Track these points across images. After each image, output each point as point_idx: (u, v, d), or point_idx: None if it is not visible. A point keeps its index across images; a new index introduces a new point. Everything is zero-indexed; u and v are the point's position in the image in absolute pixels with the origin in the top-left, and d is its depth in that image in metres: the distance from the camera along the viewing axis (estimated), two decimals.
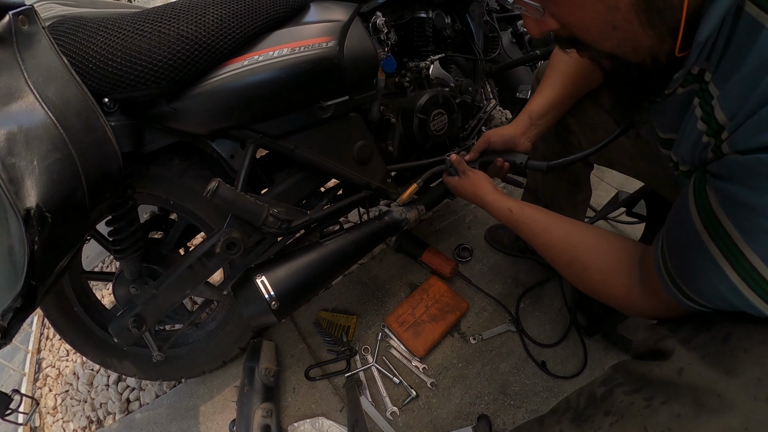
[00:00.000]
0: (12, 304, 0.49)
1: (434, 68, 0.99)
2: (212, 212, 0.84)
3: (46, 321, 1.42)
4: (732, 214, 0.37)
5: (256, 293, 0.75)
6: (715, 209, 0.39)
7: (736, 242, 0.37)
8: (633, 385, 0.44)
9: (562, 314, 1.08)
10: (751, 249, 0.36)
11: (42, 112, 0.50)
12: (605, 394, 0.46)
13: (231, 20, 0.67)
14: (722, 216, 0.38)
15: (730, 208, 0.38)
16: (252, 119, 0.73)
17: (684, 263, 0.44)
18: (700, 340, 0.41)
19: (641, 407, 0.41)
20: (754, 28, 0.34)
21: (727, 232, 0.38)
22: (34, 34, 0.53)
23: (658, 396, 0.41)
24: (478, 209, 1.42)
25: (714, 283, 0.40)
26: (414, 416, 0.96)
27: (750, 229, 0.36)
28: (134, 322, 0.82)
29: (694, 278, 0.42)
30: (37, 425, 1.21)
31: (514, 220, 0.71)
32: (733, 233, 0.37)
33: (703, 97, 0.40)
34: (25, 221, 0.46)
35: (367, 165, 0.87)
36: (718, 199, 0.39)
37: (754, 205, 0.35)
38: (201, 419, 1.06)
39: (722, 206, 0.38)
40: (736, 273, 0.37)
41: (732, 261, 0.38)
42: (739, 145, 0.35)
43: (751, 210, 0.35)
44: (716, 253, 0.39)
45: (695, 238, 0.41)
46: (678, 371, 0.40)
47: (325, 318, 1.15)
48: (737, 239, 0.37)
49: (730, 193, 0.37)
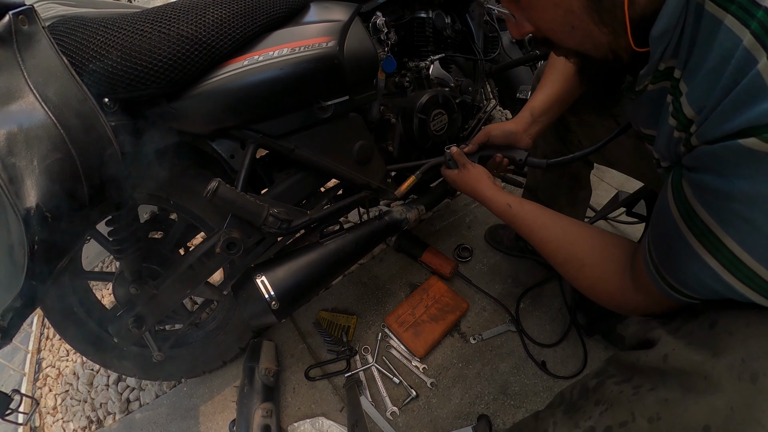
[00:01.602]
0: (12, 304, 0.49)
1: (434, 68, 0.99)
2: (212, 212, 0.84)
3: (46, 321, 1.43)
4: (706, 203, 0.39)
5: (256, 293, 0.75)
6: (690, 200, 0.40)
7: (713, 230, 0.38)
8: (623, 376, 0.45)
9: (562, 314, 1.08)
10: (728, 235, 0.37)
11: (42, 112, 0.50)
12: (596, 386, 0.47)
13: (231, 20, 0.67)
14: (697, 206, 0.40)
15: (703, 197, 0.39)
16: (252, 119, 0.73)
17: (668, 256, 0.45)
18: (687, 329, 0.42)
19: (629, 395, 0.42)
20: (714, 25, 0.36)
21: (702, 221, 0.39)
22: (34, 34, 0.52)
23: (646, 384, 0.42)
24: (479, 209, 1.42)
25: (696, 272, 0.41)
26: (414, 416, 0.96)
27: (724, 216, 0.37)
28: (134, 322, 0.82)
29: (678, 270, 0.43)
30: (37, 425, 1.21)
31: (512, 215, 0.70)
32: (709, 221, 0.38)
33: (674, 94, 0.42)
34: (25, 221, 0.46)
35: (367, 165, 0.87)
36: (692, 189, 0.40)
37: (726, 192, 0.36)
38: (201, 419, 1.06)
39: (696, 196, 0.40)
40: (716, 260, 0.39)
41: (710, 249, 0.39)
42: (707, 135, 0.37)
43: (724, 197, 0.36)
44: (695, 242, 0.40)
45: (675, 230, 0.42)
46: (663, 357, 0.41)
47: (325, 318, 1.15)
48: (713, 227, 0.38)
49: (703, 182, 0.39)
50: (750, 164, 0.34)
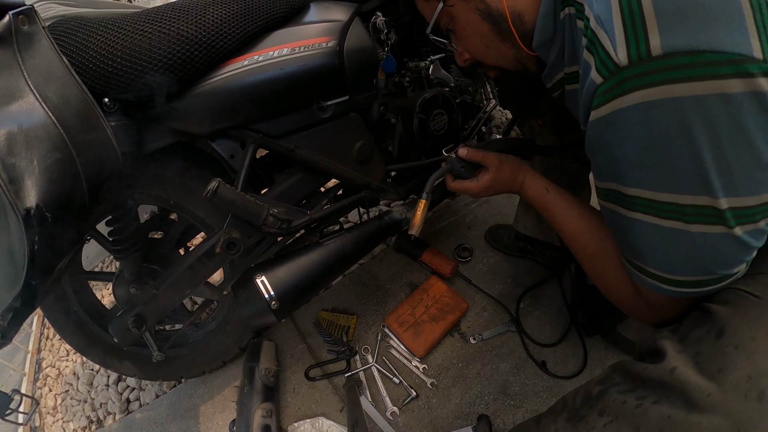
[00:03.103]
0: (12, 304, 0.49)
1: (434, 68, 0.99)
2: (212, 212, 0.84)
3: (46, 321, 1.43)
4: (607, 175, 0.48)
5: (256, 293, 0.75)
6: (601, 185, 0.50)
7: (622, 191, 0.46)
8: (627, 385, 0.45)
9: (562, 314, 1.08)
10: (629, 186, 0.44)
11: (42, 112, 0.50)
12: (600, 394, 0.47)
13: (231, 20, 0.67)
14: (605, 184, 0.48)
15: (602, 173, 0.49)
16: (252, 119, 0.73)
17: (626, 243, 0.50)
18: (696, 335, 0.42)
19: (633, 407, 0.41)
20: (574, 24, 0.47)
21: (613, 191, 0.47)
22: (34, 34, 0.52)
23: (650, 395, 0.41)
24: (479, 209, 1.42)
25: (639, 235, 0.46)
26: (414, 416, 0.96)
27: (618, 173, 0.45)
28: (134, 322, 0.82)
29: (634, 247, 0.48)
30: (37, 425, 1.21)
31: (548, 201, 0.67)
32: (616, 187, 0.46)
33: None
34: (25, 221, 0.46)
35: (367, 165, 0.87)
36: (596, 177, 0.50)
37: (609, 157, 0.45)
38: (201, 419, 1.06)
39: (600, 178, 0.49)
40: (641, 213, 0.45)
41: (631, 207, 0.45)
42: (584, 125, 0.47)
43: (609, 160, 0.45)
44: (624, 211, 0.47)
45: (612, 215, 0.49)
46: (671, 370, 0.40)
47: (325, 318, 1.15)
48: (621, 188, 0.46)
49: (596, 164, 0.49)
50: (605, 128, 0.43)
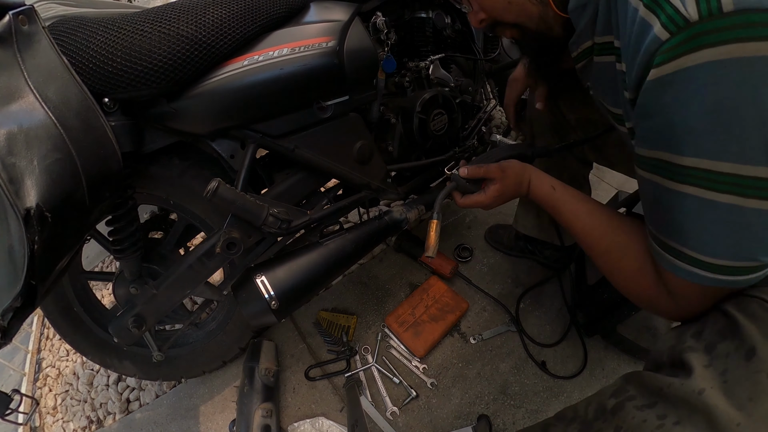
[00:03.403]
0: (12, 304, 0.49)
1: (434, 68, 0.99)
2: (212, 212, 0.84)
3: (46, 321, 1.42)
4: (656, 143, 0.43)
5: (256, 293, 0.75)
6: (648, 154, 0.44)
7: (674, 161, 0.41)
8: (646, 400, 0.42)
9: (562, 314, 1.08)
10: (684, 156, 0.40)
11: (42, 112, 0.50)
12: (616, 408, 0.44)
13: (231, 20, 0.67)
14: (652, 153, 0.43)
15: (651, 142, 0.43)
16: (252, 119, 0.73)
17: (661, 219, 0.46)
18: (723, 349, 0.40)
19: (654, 426, 0.39)
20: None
21: (662, 160, 0.42)
22: (34, 34, 0.52)
23: (672, 415, 0.39)
24: (478, 209, 1.42)
25: (686, 212, 0.42)
26: (414, 416, 0.96)
27: (673, 141, 0.40)
28: (134, 322, 0.82)
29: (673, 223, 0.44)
30: (37, 425, 1.21)
31: (555, 199, 0.65)
32: (667, 156, 0.42)
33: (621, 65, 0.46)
34: (25, 221, 0.46)
35: (367, 165, 0.87)
36: (643, 144, 0.45)
37: (663, 122, 0.41)
38: (201, 419, 1.06)
39: (647, 146, 0.44)
40: (692, 186, 0.40)
41: (682, 179, 0.41)
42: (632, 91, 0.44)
43: (664, 127, 0.41)
44: (670, 183, 0.42)
45: (654, 190, 0.45)
46: (699, 391, 0.38)
47: (325, 318, 1.15)
48: (673, 158, 0.41)
49: (645, 131, 0.44)
50: (666, 88, 0.39)
